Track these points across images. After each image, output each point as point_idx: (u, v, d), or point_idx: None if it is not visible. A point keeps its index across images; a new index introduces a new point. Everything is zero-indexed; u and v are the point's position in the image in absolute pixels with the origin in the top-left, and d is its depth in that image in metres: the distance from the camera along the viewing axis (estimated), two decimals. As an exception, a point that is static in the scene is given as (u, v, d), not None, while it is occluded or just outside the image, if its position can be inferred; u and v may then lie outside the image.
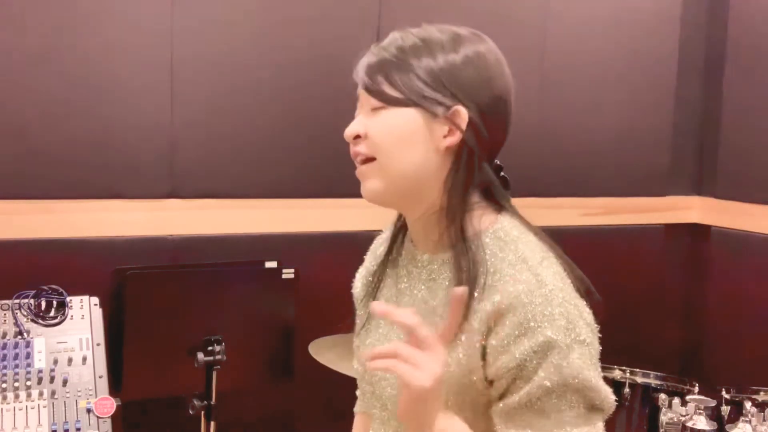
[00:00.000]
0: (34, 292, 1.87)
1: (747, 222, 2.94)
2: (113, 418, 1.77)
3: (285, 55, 2.40)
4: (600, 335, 1.06)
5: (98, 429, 1.74)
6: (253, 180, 2.40)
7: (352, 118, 1.15)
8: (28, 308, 1.85)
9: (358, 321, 1.29)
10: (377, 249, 1.31)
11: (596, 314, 1.07)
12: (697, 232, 3.16)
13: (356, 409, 1.36)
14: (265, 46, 2.38)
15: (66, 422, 1.73)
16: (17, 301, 1.85)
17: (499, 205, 1.14)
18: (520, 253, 1.07)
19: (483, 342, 1.03)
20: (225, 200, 2.36)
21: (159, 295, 2.09)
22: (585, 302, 1.07)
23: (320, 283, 2.32)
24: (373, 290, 1.24)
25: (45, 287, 1.88)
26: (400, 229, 1.24)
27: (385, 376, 1.15)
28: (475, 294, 1.04)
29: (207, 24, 2.30)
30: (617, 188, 3.03)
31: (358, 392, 1.35)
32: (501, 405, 1.02)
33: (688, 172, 3.19)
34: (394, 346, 0.96)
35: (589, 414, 1.01)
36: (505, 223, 1.12)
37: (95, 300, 1.92)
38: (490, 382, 1.04)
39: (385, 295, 1.23)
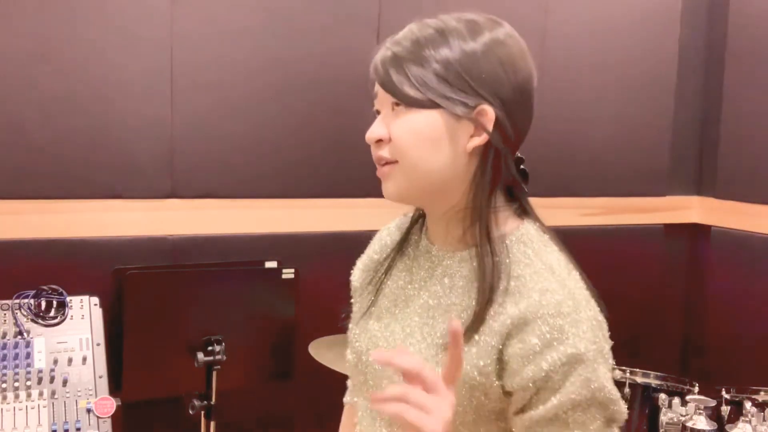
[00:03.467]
0: (34, 292, 1.87)
1: (747, 222, 2.93)
2: (113, 418, 1.77)
3: (285, 55, 2.40)
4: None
5: (98, 429, 1.74)
6: (253, 180, 2.39)
7: (352, 117, 1.15)
8: (28, 308, 1.85)
9: (356, 309, 1.27)
10: (384, 238, 1.28)
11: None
12: (697, 232, 3.16)
13: (346, 399, 1.34)
14: (265, 46, 2.38)
15: (66, 422, 1.73)
16: (17, 301, 1.85)
17: (521, 207, 1.13)
18: (547, 262, 1.05)
19: (500, 347, 1.01)
20: (225, 200, 2.36)
21: (159, 295, 2.09)
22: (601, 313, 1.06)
23: (320, 283, 2.32)
24: (380, 279, 1.21)
25: (45, 287, 1.89)
26: (417, 220, 1.22)
27: (383, 371, 1.13)
28: (497, 296, 1.02)
29: (207, 24, 2.30)
30: (617, 188, 3.03)
31: (348, 382, 1.33)
32: (524, 417, 1.00)
33: (688, 172, 3.20)
34: (402, 391, 0.92)
35: (606, 428, 1.01)
36: (530, 229, 1.10)
37: (95, 300, 1.92)
38: (508, 393, 1.02)
39: (390, 286, 1.20)
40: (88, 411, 1.76)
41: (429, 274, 1.15)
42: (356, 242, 1.39)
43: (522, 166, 1.16)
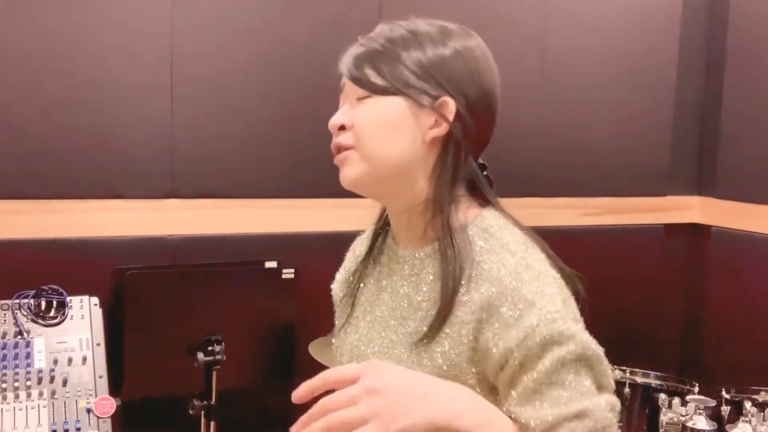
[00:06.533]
0: (34, 292, 1.87)
1: (747, 222, 2.93)
2: (113, 418, 1.77)
3: (285, 54, 2.40)
4: (599, 334, 1.05)
5: (98, 429, 1.74)
6: (253, 180, 2.39)
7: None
8: (28, 308, 1.85)
9: (337, 321, 1.28)
10: (357, 249, 1.31)
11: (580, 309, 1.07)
12: (697, 232, 3.16)
13: None
14: (266, 46, 2.38)
15: (66, 422, 1.73)
16: (17, 301, 1.85)
17: (484, 199, 1.14)
18: (504, 242, 1.06)
19: (472, 335, 1.00)
20: (225, 200, 2.35)
21: (159, 295, 2.09)
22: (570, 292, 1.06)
23: (320, 283, 2.30)
24: (354, 289, 1.23)
25: (45, 287, 1.88)
26: (382, 227, 1.23)
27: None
28: (462, 287, 1.02)
29: (207, 24, 2.30)
30: (617, 188, 3.03)
31: None
32: (518, 391, 0.98)
33: (688, 172, 3.19)
34: (324, 424, 0.91)
35: (599, 392, 0.99)
36: (489, 214, 1.12)
37: (95, 300, 1.92)
38: (495, 375, 1.00)
39: (365, 294, 1.22)
40: (88, 411, 1.76)
41: (398, 276, 1.16)
42: (356, 242, 1.39)
43: (486, 173, 1.17)
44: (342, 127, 1.10)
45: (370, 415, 0.90)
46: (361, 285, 1.23)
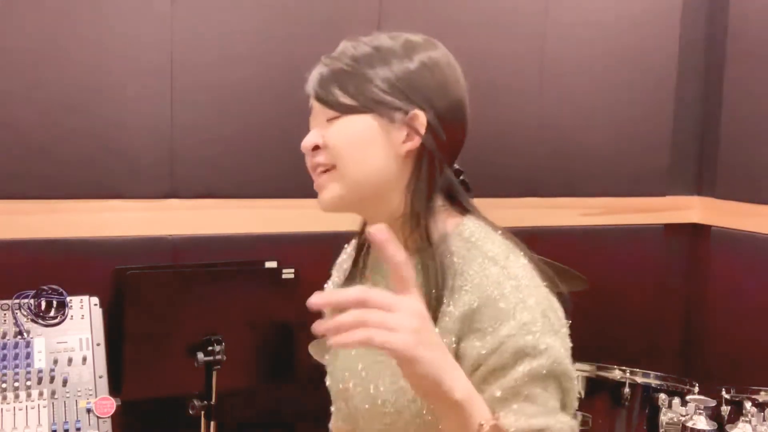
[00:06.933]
0: (34, 292, 1.87)
1: (747, 222, 2.93)
2: (113, 418, 1.77)
3: (285, 55, 2.39)
4: (599, 334, 1.06)
5: (98, 429, 1.74)
6: (253, 180, 2.39)
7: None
8: (28, 308, 1.85)
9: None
10: (342, 264, 1.31)
11: (565, 311, 1.07)
12: (697, 232, 3.16)
13: (330, 425, 1.34)
14: (266, 46, 2.38)
15: (66, 422, 1.73)
16: (17, 301, 1.85)
17: (462, 207, 1.14)
18: (486, 251, 1.06)
19: (454, 345, 1.01)
20: (225, 200, 2.36)
21: (159, 295, 2.09)
22: (554, 297, 1.07)
23: (320, 283, 2.31)
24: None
25: (45, 287, 1.88)
26: (366, 240, 1.23)
27: (356, 392, 1.14)
28: (444, 298, 1.03)
29: (207, 24, 2.30)
30: (617, 188, 3.03)
31: (332, 408, 1.32)
32: (485, 395, 0.98)
33: (688, 172, 3.19)
34: (358, 315, 0.85)
35: (563, 410, 1.01)
36: (469, 223, 1.12)
37: (95, 300, 1.92)
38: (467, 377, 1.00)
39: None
40: (88, 411, 1.75)
41: (383, 289, 1.15)
42: (356, 242, 1.38)
43: (462, 177, 1.17)
44: (316, 147, 1.11)
45: (404, 328, 0.86)
46: None
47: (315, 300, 0.87)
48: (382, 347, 0.85)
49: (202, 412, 2.10)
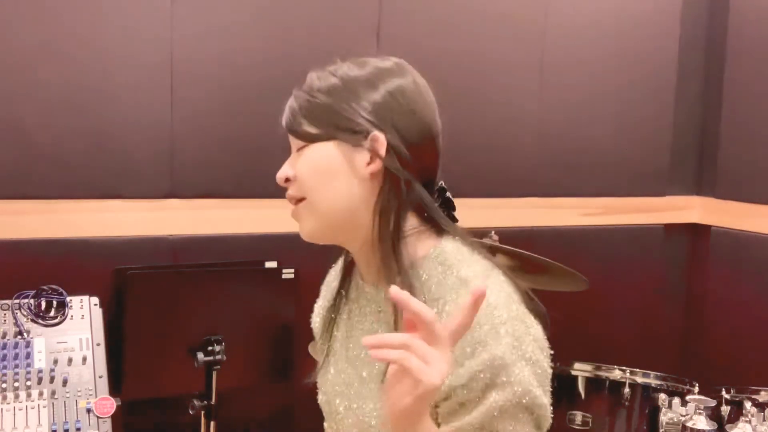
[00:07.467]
0: (34, 292, 1.87)
1: (747, 222, 2.93)
2: (113, 418, 1.77)
3: (285, 54, 2.39)
4: (600, 334, 1.05)
5: (98, 429, 1.74)
6: (253, 180, 2.39)
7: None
8: (28, 308, 1.85)
9: (320, 357, 1.27)
10: (331, 282, 1.31)
11: (545, 328, 1.06)
12: (697, 232, 3.16)
13: None
14: (266, 46, 2.38)
15: (66, 422, 1.73)
16: (17, 301, 1.85)
17: (437, 227, 1.12)
18: (462, 276, 1.05)
19: None
20: (225, 200, 2.36)
21: (159, 295, 2.09)
22: (535, 320, 1.05)
23: (320, 283, 2.31)
24: (330, 327, 1.23)
25: (45, 287, 1.88)
26: (351, 262, 1.23)
27: (345, 412, 1.15)
28: None
29: (207, 24, 2.30)
30: (617, 188, 3.03)
31: (325, 425, 1.31)
32: (454, 425, 0.99)
33: (688, 172, 3.19)
34: (407, 338, 0.88)
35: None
36: (446, 246, 1.10)
37: (95, 300, 1.91)
38: (436, 406, 1.01)
39: (341, 329, 1.22)
40: (88, 411, 1.75)
41: (367, 311, 1.16)
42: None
43: (447, 195, 1.16)
44: (287, 179, 1.14)
45: (441, 363, 0.88)
46: (338, 320, 1.23)
47: (393, 294, 0.89)
48: (411, 372, 0.87)
49: (202, 412, 2.10)
